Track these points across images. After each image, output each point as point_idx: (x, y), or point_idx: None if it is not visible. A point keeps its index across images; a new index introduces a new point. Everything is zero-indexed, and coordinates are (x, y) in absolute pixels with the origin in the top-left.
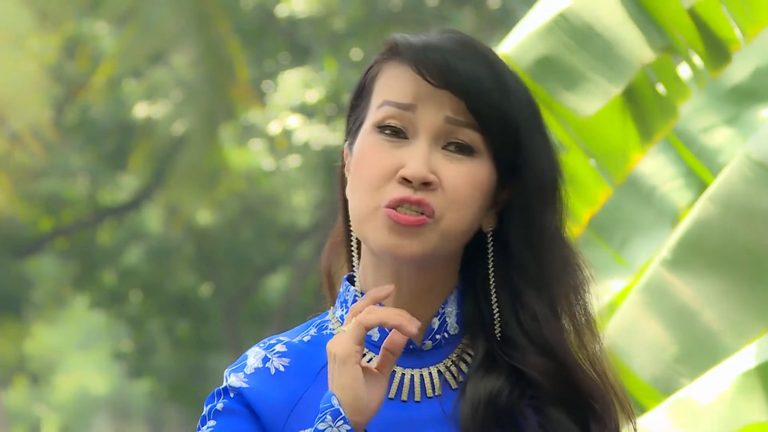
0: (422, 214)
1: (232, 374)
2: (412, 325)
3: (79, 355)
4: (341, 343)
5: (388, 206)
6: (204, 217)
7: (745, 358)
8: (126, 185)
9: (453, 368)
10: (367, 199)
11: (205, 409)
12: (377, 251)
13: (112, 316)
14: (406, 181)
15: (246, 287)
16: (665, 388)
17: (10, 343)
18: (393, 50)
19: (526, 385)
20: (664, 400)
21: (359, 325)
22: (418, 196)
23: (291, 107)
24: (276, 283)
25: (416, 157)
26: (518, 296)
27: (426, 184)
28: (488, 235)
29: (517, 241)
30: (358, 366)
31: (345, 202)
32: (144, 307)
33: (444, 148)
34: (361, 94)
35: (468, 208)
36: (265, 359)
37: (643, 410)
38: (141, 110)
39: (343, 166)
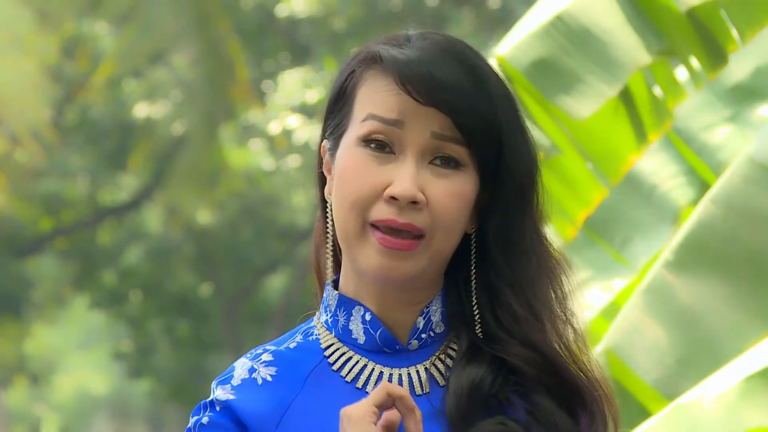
0: (413, 236)
1: (218, 387)
2: (417, 428)
3: (79, 355)
4: (358, 405)
5: (375, 226)
6: (204, 217)
7: (747, 362)
8: (126, 185)
9: (440, 364)
10: (354, 219)
11: (191, 421)
12: (367, 272)
13: (112, 316)
14: (393, 199)
15: (246, 287)
16: (667, 390)
17: (10, 343)
18: (375, 59)
19: (509, 373)
20: (667, 403)
21: (383, 389)
22: (404, 219)
23: (291, 107)
24: (276, 283)
25: (404, 176)
26: (497, 296)
27: (413, 203)
28: (471, 237)
29: (495, 242)
30: (374, 426)
31: (324, 201)
32: (144, 307)
33: (430, 162)
34: (342, 99)
35: (455, 223)
36: (252, 370)
37: (645, 412)
38: (141, 110)
39: (320, 164)
